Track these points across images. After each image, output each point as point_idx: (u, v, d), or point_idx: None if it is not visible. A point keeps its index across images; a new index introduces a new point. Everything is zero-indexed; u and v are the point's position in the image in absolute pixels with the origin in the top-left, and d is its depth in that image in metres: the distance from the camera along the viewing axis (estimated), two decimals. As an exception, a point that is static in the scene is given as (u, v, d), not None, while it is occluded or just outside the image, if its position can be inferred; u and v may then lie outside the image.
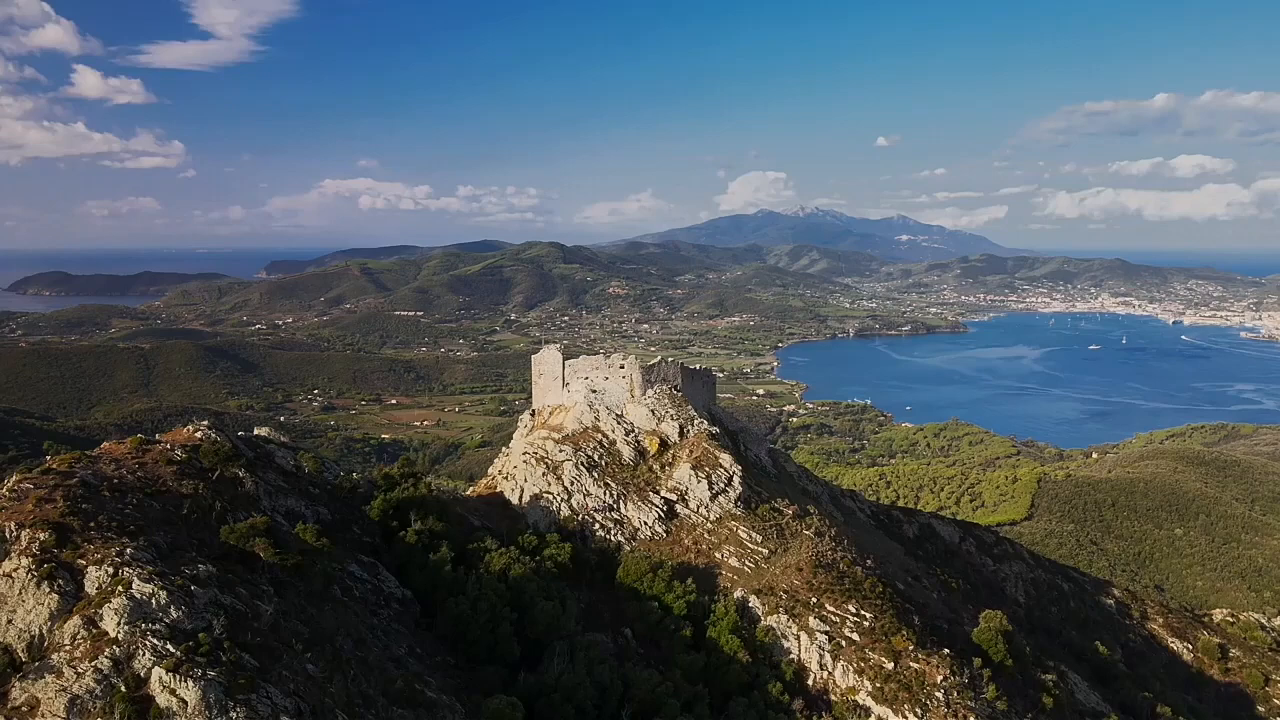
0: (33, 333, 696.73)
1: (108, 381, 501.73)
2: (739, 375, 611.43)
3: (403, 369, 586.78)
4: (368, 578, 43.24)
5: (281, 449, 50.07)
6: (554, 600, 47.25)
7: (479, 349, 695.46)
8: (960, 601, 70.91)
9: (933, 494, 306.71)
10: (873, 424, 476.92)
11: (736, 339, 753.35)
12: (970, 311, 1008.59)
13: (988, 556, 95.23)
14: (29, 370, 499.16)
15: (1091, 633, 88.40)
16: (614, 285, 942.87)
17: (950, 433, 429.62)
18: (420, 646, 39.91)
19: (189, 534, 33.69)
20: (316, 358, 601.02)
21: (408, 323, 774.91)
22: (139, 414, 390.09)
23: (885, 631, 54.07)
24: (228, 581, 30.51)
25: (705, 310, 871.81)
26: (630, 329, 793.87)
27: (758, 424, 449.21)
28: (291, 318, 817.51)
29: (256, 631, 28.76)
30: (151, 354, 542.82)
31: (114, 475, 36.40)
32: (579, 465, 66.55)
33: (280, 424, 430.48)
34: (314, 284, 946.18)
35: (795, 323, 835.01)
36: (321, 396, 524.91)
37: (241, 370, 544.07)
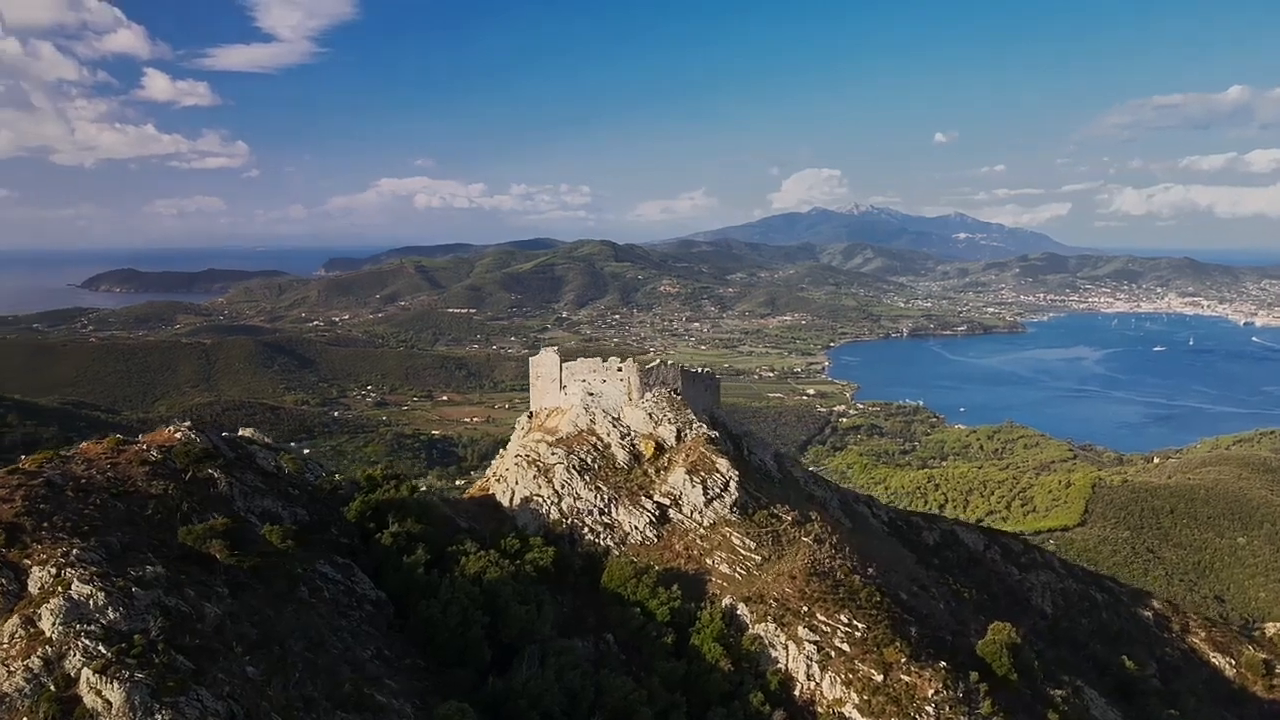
0: (103, 328, 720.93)
1: (171, 376, 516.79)
2: (789, 375, 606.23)
3: (454, 366, 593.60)
4: (341, 579, 43.47)
5: (264, 450, 50.80)
6: (530, 604, 47.14)
7: (530, 346, 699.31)
8: (972, 612, 69.05)
9: (982, 498, 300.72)
10: (925, 425, 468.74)
11: (788, 338, 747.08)
12: (1029, 311, 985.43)
13: (1013, 565, 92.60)
14: (98, 364, 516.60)
15: (1123, 646, 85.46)
16: (665, 283, 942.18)
17: (1004, 435, 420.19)
18: (389, 649, 40.12)
19: (150, 534, 34.33)
20: (371, 354, 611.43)
21: (460, 320, 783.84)
22: (199, 408, 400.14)
23: (877, 643, 52.85)
24: (177, 583, 31.00)
25: (757, 309, 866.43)
26: (681, 327, 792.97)
27: (806, 424, 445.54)
28: (348, 314, 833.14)
29: (198, 634, 29.11)
30: (213, 349, 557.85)
31: (82, 475, 37.23)
32: (570, 469, 66.26)
33: (334, 419, 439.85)
34: (370, 281, 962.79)
35: (848, 322, 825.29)
36: (375, 392, 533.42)
37: (298, 366, 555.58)
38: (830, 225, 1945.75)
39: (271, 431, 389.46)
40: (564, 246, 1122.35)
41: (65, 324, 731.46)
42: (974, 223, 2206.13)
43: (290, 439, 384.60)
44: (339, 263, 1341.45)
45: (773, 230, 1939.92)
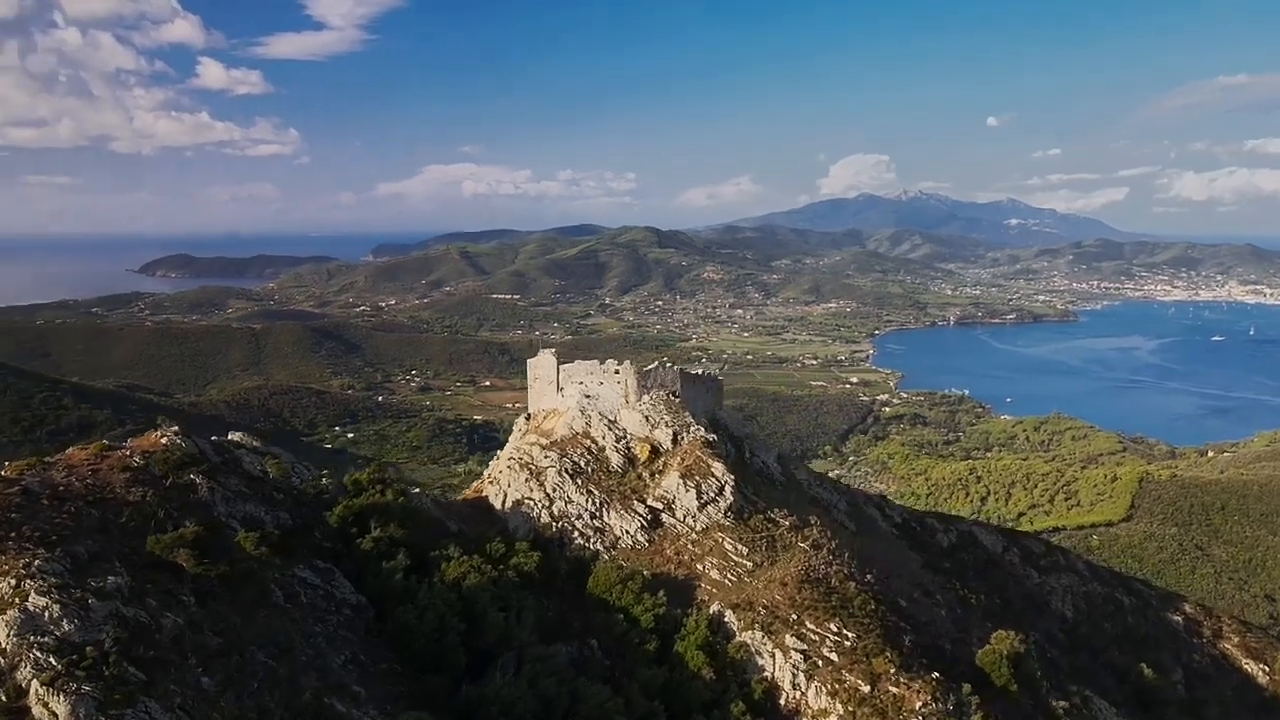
0: (158, 312, 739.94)
1: (222, 360, 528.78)
2: (833, 362, 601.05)
3: (497, 351, 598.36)
4: (320, 583, 44.00)
5: (251, 453, 51.52)
6: (510, 610, 47.32)
7: (573, 332, 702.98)
8: (978, 619, 67.73)
9: (1025, 491, 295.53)
10: (970, 415, 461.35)
11: (832, 325, 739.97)
12: (1081, 300, 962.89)
13: (1033, 568, 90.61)
14: (152, 348, 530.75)
15: (1148, 652, 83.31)
16: (709, 270, 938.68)
17: (1051, 427, 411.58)
18: (366, 653, 40.50)
19: (122, 543, 34.98)
20: (415, 339, 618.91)
21: (504, 306, 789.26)
22: (247, 392, 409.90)
23: (867, 652, 52.06)
24: (140, 592, 31.61)
25: (801, 296, 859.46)
26: (724, 314, 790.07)
27: (848, 413, 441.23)
28: (394, 300, 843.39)
29: (154, 644, 29.69)
30: (262, 334, 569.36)
31: (61, 483, 38.04)
32: (562, 472, 66.21)
33: (378, 404, 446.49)
34: (416, 267, 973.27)
35: (893, 309, 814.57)
36: (419, 377, 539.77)
37: (345, 351, 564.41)
38: (877, 211, 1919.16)
39: (317, 415, 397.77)
40: (608, 233, 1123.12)
41: (123, 308, 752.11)
42: (1026, 208, 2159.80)
43: (335, 423, 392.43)
44: (387, 249, 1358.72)
45: (819, 216, 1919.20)
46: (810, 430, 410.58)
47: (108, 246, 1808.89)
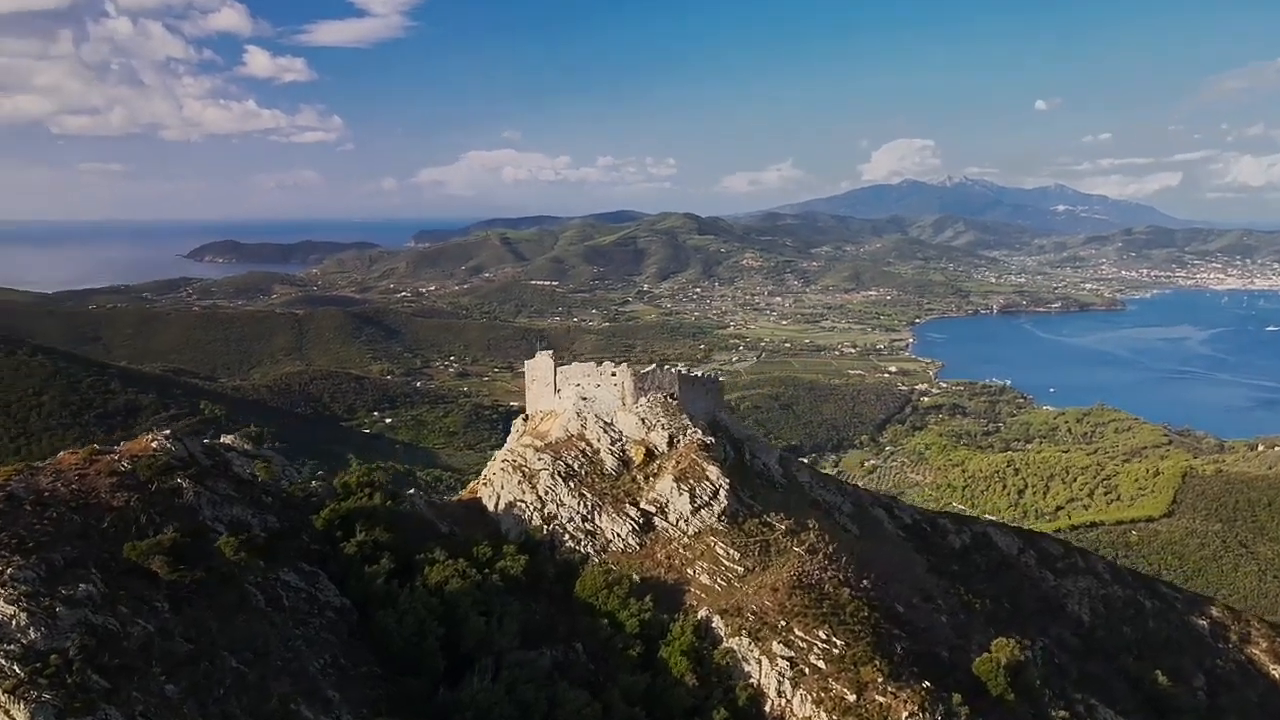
0: (205, 297, 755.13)
1: (265, 345, 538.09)
2: (871, 351, 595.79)
3: (534, 337, 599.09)
4: (304, 587, 44.56)
5: (241, 457, 52.28)
6: (493, 615, 47.59)
7: (611, 319, 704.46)
8: (982, 624, 66.60)
9: (1064, 484, 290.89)
10: (1010, 406, 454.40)
11: (871, 313, 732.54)
12: (1130, 288, 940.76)
13: (1049, 570, 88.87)
14: (198, 333, 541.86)
15: (1168, 657, 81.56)
16: (748, 257, 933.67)
17: (1094, 418, 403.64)
18: (347, 657, 41.02)
19: (102, 548, 35.69)
20: (454, 325, 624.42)
21: (543, 292, 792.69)
22: (288, 377, 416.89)
23: (855, 660, 51.47)
24: (112, 599, 32.34)
25: (841, 283, 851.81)
26: (762, 301, 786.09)
27: (886, 402, 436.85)
28: (434, 285, 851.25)
29: (121, 652, 30.36)
30: (304, 320, 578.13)
31: (47, 488, 38.86)
32: (555, 475, 66.17)
33: (416, 389, 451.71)
34: (456, 253, 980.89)
35: (935, 298, 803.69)
36: (457, 363, 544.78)
37: (385, 336, 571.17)
38: (920, 197, 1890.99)
39: (356, 400, 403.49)
40: (646, 219, 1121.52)
41: (171, 293, 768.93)
42: (1074, 194, 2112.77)
43: (374, 408, 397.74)
44: (428, 235, 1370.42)
45: (860, 203, 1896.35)
46: (847, 419, 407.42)
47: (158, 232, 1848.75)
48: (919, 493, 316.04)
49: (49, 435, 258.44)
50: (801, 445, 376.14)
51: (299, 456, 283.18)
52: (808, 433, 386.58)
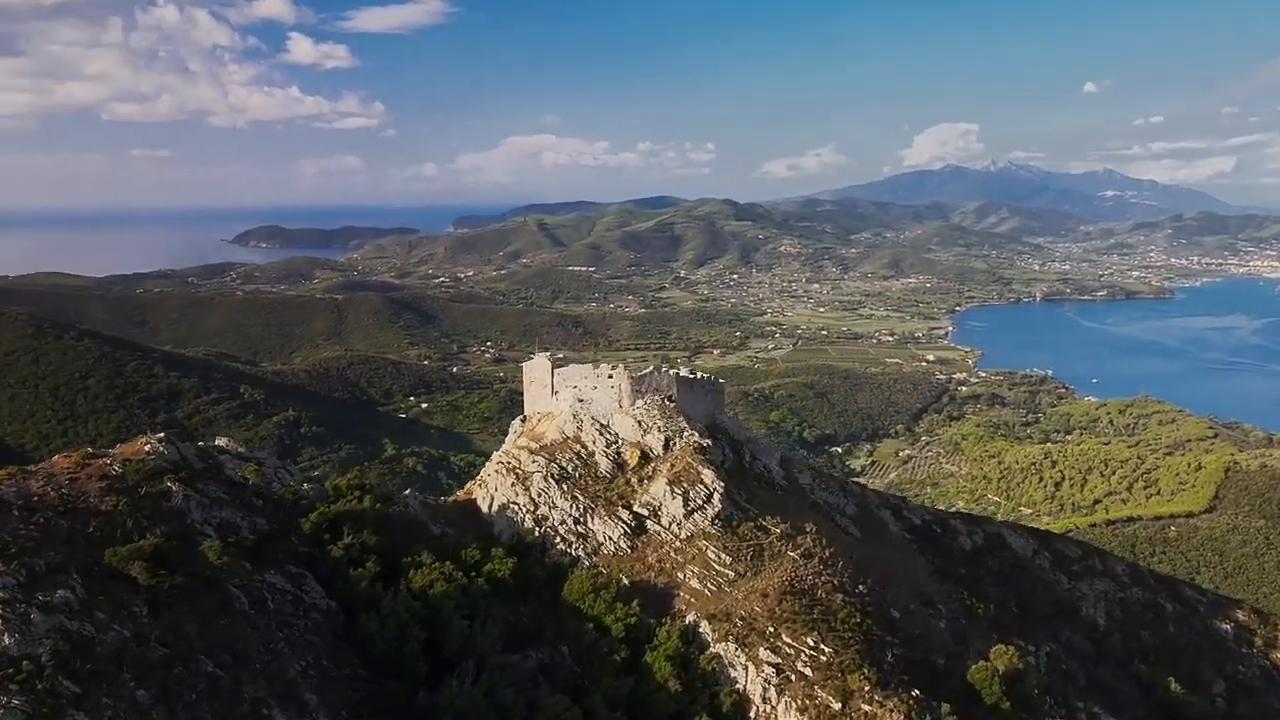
0: (249, 282, 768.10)
1: (306, 329, 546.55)
2: (910, 339, 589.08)
3: (570, 323, 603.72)
4: (291, 589, 45.25)
5: (234, 459, 53.06)
6: (477, 618, 47.91)
7: (647, 305, 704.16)
8: (984, 630, 65.51)
9: (1102, 478, 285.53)
10: (1051, 396, 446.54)
11: (910, 301, 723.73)
12: (1179, 276, 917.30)
13: (1063, 573, 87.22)
14: (241, 317, 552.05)
15: (1187, 663, 79.78)
16: (786, 243, 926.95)
17: (1137, 410, 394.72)
18: (330, 659, 41.58)
19: (86, 553, 36.38)
20: (491, 311, 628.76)
21: (579, 278, 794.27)
22: (326, 361, 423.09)
23: (843, 668, 50.96)
24: (89, 605, 33.08)
25: (880, 271, 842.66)
26: (800, 289, 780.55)
27: (922, 391, 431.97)
28: (472, 271, 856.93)
29: (94, 657, 31.09)
30: (344, 305, 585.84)
31: (38, 492, 39.68)
32: (548, 477, 66.29)
33: (452, 375, 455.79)
34: (494, 239, 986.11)
35: (976, 285, 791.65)
36: (493, 348, 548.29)
37: (422, 322, 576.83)
38: (963, 183, 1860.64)
39: (393, 385, 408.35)
40: (684, 205, 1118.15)
41: (216, 278, 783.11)
42: (1123, 179, 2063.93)
43: (410, 393, 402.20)
44: (467, 220, 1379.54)
45: (901, 189, 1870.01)
46: (882, 408, 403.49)
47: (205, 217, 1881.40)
48: (953, 484, 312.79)
49: (95, 418, 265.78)
50: (836, 434, 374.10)
51: (335, 441, 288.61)
52: (842, 421, 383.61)
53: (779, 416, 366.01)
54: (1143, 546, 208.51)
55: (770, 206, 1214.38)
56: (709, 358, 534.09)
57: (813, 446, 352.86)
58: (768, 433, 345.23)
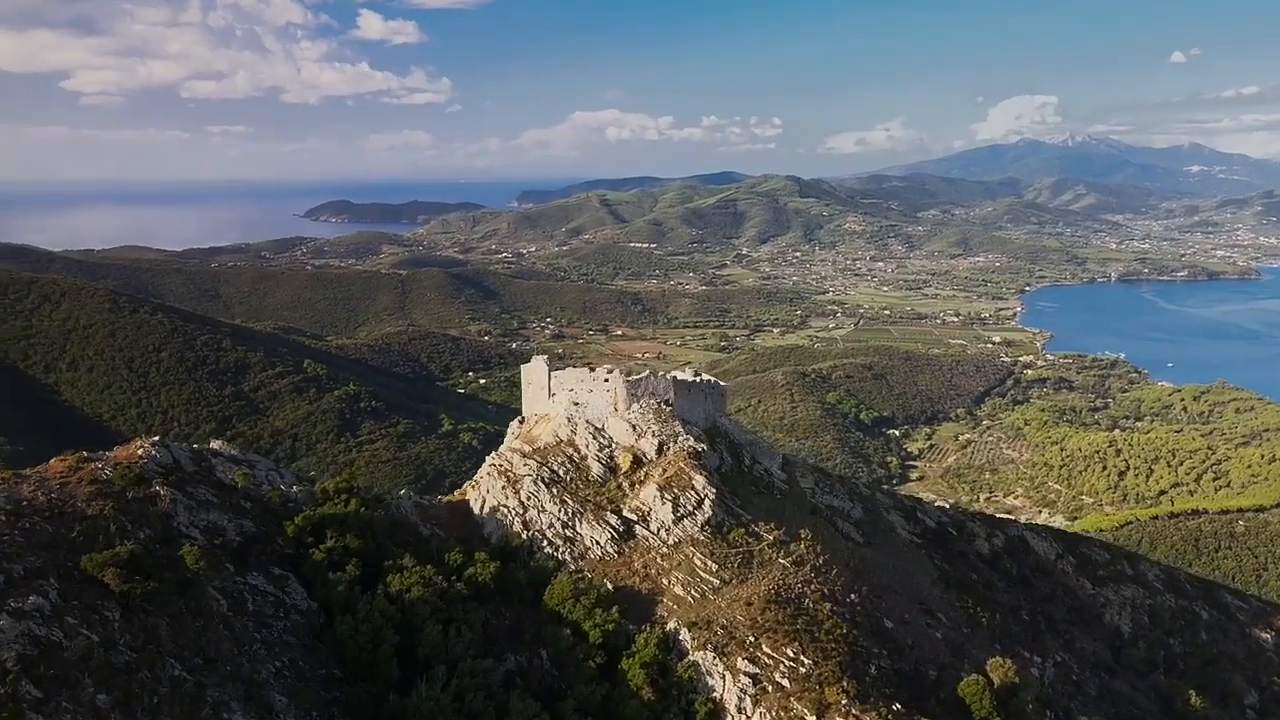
0: (318, 256, 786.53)
1: (370, 304, 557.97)
2: (975, 320, 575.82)
3: (630, 300, 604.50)
4: (272, 590, 46.49)
5: (226, 462, 54.39)
6: (454, 623, 48.51)
7: (707, 282, 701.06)
8: (986, 639, 63.79)
9: (1169, 468, 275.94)
10: (1122, 381, 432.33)
11: (978, 281, 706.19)
12: (1269, 256, 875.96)
13: (1087, 578, 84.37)
14: (309, 291, 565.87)
15: (1218, 673, 76.80)
16: (850, 220, 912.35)
17: (1213, 397, 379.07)
18: (307, 660, 42.73)
19: (67, 558, 37.91)
20: (552, 287, 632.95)
21: (640, 255, 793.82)
22: (389, 336, 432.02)
23: (821, 680, 50.23)
24: (61, 610, 34.47)
25: (947, 249, 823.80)
26: (864, 267, 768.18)
27: (986, 375, 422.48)
28: (534, 246, 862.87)
29: (60, 662, 32.37)
30: (408, 280, 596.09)
31: (28, 496, 41.15)
32: (538, 481, 66.43)
33: (510, 350, 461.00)
34: (556, 215, 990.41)
35: (1048, 265, 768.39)
36: (553, 324, 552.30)
37: (483, 297, 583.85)
38: (1039, 158, 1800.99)
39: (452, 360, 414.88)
40: (748, 181, 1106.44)
41: (287, 252, 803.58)
42: (1211, 154, 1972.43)
43: (469, 369, 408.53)
44: (531, 195, 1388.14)
45: (973, 164, 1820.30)
46: (942, 391, 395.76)
47: (278, 192, 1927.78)
48: (1013, 470, 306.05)
49: (166, 389, 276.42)
50: (894, 417, 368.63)
51: (393, 416, 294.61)
52: (901, 404, 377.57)
53: (835, 398, 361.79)
54: (1206, 541, 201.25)
55: (835, 183, 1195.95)
56: (768, 336, 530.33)
57: (869, 429, 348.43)
58: (823, 414, 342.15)
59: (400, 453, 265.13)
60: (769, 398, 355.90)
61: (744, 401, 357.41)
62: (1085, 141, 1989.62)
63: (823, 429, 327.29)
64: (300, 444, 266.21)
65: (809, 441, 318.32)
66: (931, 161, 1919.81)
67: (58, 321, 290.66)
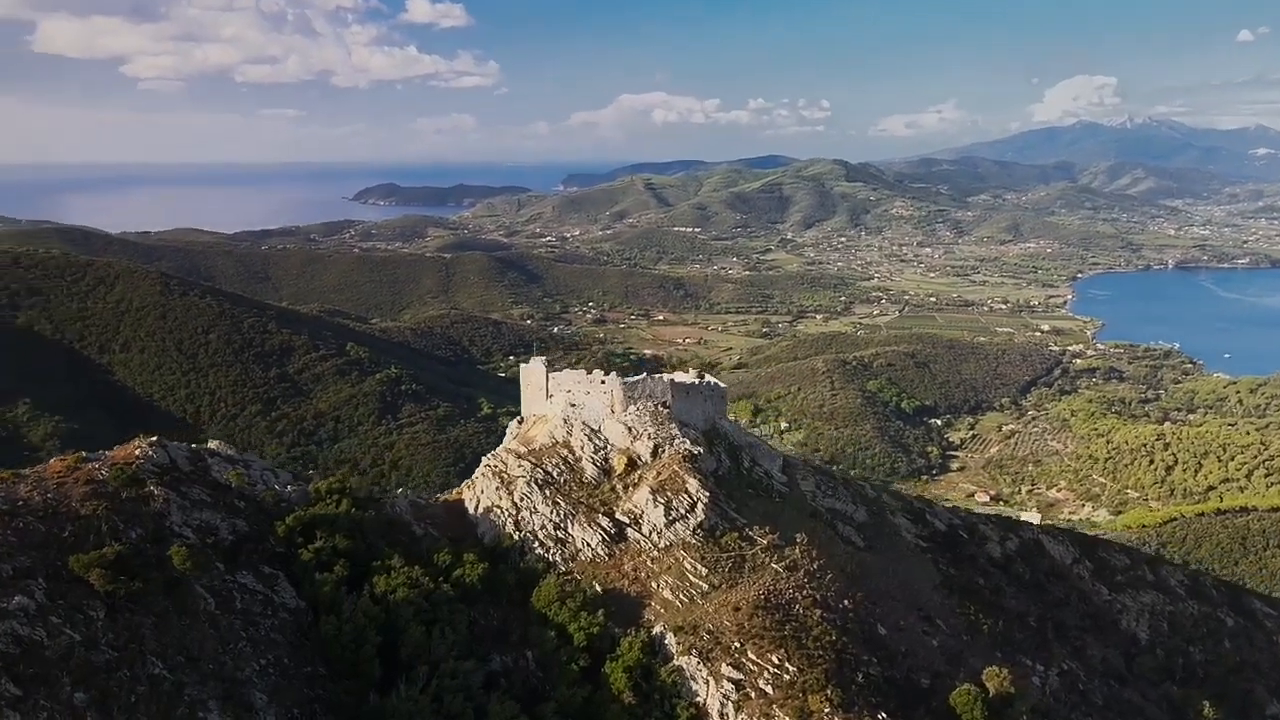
0: (365, 239, 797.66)
1: (415, 287, 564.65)
2: (1024, 308, 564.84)
3: (672, 285, 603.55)
4: (261, 589, 47.58)
5: (221, 462, 55.48)
6: (439, 624, 49.15)
7: (751, 268, 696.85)
8: (987, 647, 62.61)
9: (1219, 463, 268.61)
10: (1175, 372, 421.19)
11: (1028, 267, 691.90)
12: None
13: (1104, 583, 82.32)
14: (355, 274, 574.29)
15: (1240, 682, 74.70)
16: (898, 205, 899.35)
17: (1272, 389, 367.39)
18: (292, 658, 43.64)
19: (57, 557, 39.21)
20: (594, 271, 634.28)
21: (684, 239, 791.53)
22: (431, 320, 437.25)
23: (805, 688, 49.88)
24: (47, 609, 35.67)
25: (997, 234, 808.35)
26: (910, 253, 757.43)
27: (1033, 364, 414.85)
28: (578, 230, 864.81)
29: (42, 661, 33.49)
30: (452, 263, 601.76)
31: (24, 497, 42.48)
32: (532, 482, 66.64)
33: (553, 335, 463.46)
34: (601, 199, 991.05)
35: (1101, 251, 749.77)
36: (595, 309, 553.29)
37: (526, 281, 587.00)
38: (1096, 141, 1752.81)
39: (493, 344, 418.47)
40: (794, 165, 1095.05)
41: (335, 235, 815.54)
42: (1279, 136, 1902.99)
43: (509, 353, 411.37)
44: (577, 179, 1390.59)
45: (1027, 147, 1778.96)
46: (987, 380, 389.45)
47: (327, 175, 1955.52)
48: (1056, 462, 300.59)
49: (214, 371, 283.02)
50: (936, 406, 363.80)
51: (433, 399, 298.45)
52: (943, 393, 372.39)
53: (876, 386, 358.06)
54: (1255, 540, 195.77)
55: (883, 166, 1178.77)
56: (810, 323, 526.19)
57: (910, 418, 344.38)
58: (863, 402, 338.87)
59: (439, 436, 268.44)
60: (809, 385, 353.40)
61: (783, 389, 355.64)
62: (1145, 123, 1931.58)
63: (862, 417, 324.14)
64: (342, 426, 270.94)
65: (847, 430, 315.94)
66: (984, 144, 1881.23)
67: (112, 303, 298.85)
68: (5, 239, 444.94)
